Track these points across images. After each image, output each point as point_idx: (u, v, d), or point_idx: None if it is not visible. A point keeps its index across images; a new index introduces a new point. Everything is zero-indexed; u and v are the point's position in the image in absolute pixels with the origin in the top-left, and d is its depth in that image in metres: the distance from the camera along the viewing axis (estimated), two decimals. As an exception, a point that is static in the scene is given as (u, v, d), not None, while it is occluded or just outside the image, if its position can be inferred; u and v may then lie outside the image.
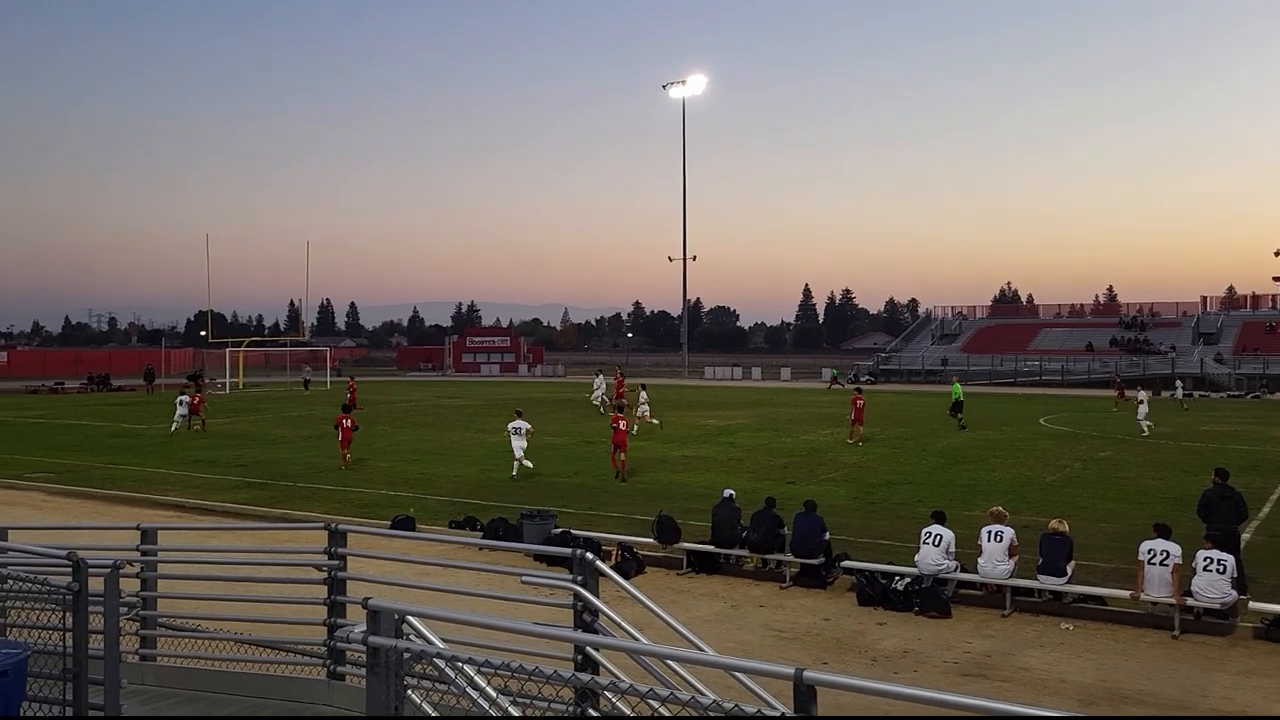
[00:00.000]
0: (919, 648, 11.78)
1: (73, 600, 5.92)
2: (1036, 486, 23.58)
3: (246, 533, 14.52)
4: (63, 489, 23.27)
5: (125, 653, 7.52)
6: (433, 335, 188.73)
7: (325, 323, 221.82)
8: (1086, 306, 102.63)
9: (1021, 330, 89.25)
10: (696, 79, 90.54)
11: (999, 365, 75.66)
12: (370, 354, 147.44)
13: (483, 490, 22.75)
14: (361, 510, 19.95)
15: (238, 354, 67.54)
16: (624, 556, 15.44)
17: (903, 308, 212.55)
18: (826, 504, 18.44)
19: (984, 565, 13.56)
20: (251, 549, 9.83)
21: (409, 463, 27.65)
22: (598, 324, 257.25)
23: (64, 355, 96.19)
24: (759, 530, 15.08)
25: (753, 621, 12.91)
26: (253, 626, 8.56)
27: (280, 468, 26.56)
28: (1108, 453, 30.51)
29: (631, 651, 5.24)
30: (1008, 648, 11.82)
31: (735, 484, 19.17)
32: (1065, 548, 13.32)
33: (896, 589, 13.59)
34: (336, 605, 7.74)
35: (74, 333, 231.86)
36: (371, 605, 4.95)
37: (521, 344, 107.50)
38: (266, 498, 21.73)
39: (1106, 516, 19.63)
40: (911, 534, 15.37)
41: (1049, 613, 13.10)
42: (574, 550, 6.56)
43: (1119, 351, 77.97)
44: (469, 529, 17.97)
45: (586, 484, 23.86)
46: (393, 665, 4.84)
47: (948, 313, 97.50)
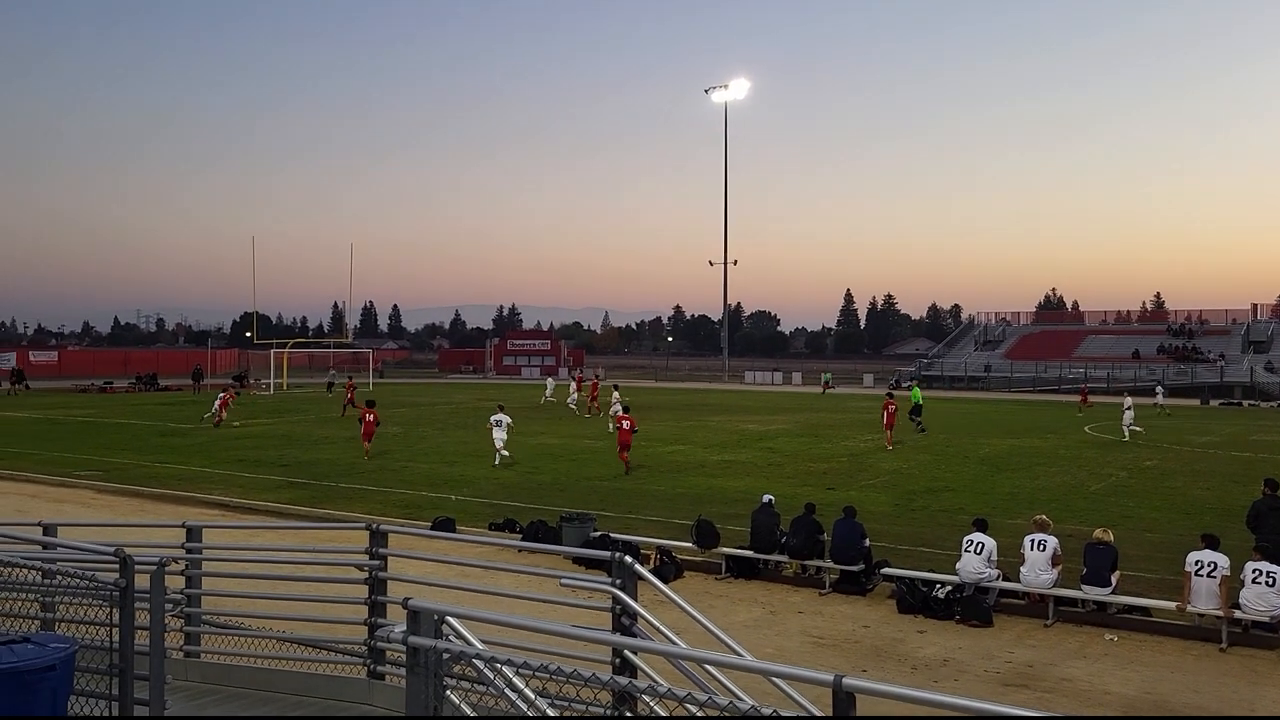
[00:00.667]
0: (960, 656, 11.65)
1: (119, 596, 6.01)
2: (1081, 495, 23.25)
3: (289, 532, 14.71)
4: (111, 487, 23.68)
5: (170, 649, 7.63)
6: (474, 338, 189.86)
7: (368, 325, 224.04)
8: (1133, 313, 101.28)
9: (1066, 337, 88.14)
10: (739, 83, 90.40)
11: (1043, 372, 74.73)
12: (412, 356, 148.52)
13: (522, 492, 22.83)
14: (402, 511, 20.10)
15: (282, 355, 68.35)
16: (662, 560, 15.44)
17: (945, 313, 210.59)
18: (867, 510, 18.31)
19: (1027, 574, 13.39)
20: (294, 548, 9.93)
21: (449, 464, 27.83)
22: (638, 328, 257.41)
23: (113, 355, 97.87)
24: (799, 536, 15.00)
25: (791, 628, 12.85)
26: (294, 625, 8.65)
27: (323, 468, 26.84)
28: (1154, 461, 30.02)
29: (669, 655, 5.24)
30: (1050, 658, 11.66)
31: (775, 489, 19.09)
32: (1110, 557, 13.13)
33: (937, 597, 13.46)
34: (377, 605, 7.81)
35: (123, 333, 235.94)
36: (411, 605, 4.99)
37: (562, 347, 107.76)
38: (309, 498, 21.96)
39: (1153, 526, 19.32)
40: (953, 541, 15.21)
41: (1093, 623, 12.91)
42: (613, 553, 6.56)
43: (1166, 359, 76.70)
44: (508, 531, 18.05)
45: (625, 487, 23.88)
46: (432, 665, 4.87)
47: (991, 319, 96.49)
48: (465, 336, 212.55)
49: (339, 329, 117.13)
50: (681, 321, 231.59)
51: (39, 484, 24.39)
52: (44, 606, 7.35)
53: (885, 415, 32.84)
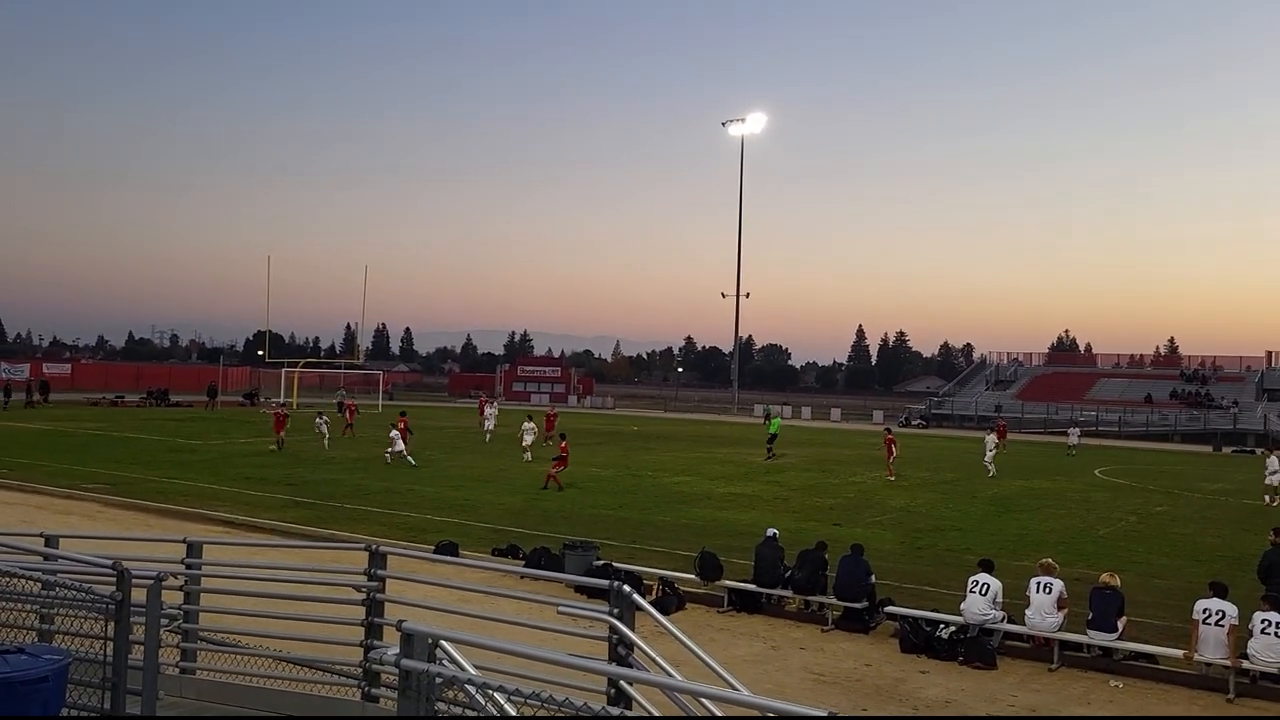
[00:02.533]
0: (962, 699, 11.52)
1: (115, 610, 6.00)
2: (1089, 539, 23.06)
3: (290, 550, 14.67)
4: (118, 500, 23.71)
5: (165, 665, 7.60)
6: (485, 363, 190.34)
7: (380, 347, 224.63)
8: (1146, 357, 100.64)
9: (1079, 379, 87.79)
10: (756, 117, 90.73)
11: (1054, 414, 74.33)
12: (423, 379, 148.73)
13: (528, 519, 22.76)
14: (407, 534, 20.06)
15: (293, 374, 68.52)
16: (665, 591, 15.34)
17: (957, 352, 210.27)
18: (873, 548, 18.17)
19: (1032, 617, 13.25)
20: (294, 566, 9.90)
21: (455, 488, 27.78)
22: (649, 357, 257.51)
23: (126, 369, 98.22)
24: (803, 570, 14.90)
25: (792, 664, 12.73)
26: (291, 644, 8.61)
27: (329, 488, 26.82)
28: (1164, 507, 29.78)
29: (664, 687, 5.19)
30: (1054, 703, 11.52)
31: (780, 524, 19.00)
32: (1117, 603, 12.99)
33: (941, 637, 13.33)
34: (373, 627, 7.77)
35: (136, 348, 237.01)
36: (405, 628, 4.96)
37: (572, 375, 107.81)
38: (314, 517, 21.94)
39: (1161, 573, 19.13)
40: (958, 582, 15.07)
41: (1098, 669, 12.76)
42: (611, 582, 6.52)
43: (1179, 405, 76.32)
44: (511, 557, 17.98)
45: (630, 517, 23.79)
46: (424, 689, 4.84)
47: (1003, 359, 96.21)
48: (476, 361, 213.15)
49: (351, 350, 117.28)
50: (692, 352, 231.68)
51: (46, 495, 24.42)
52: (42, 618, 7.33)
53: (887, 449, 34.52)
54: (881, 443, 36.05)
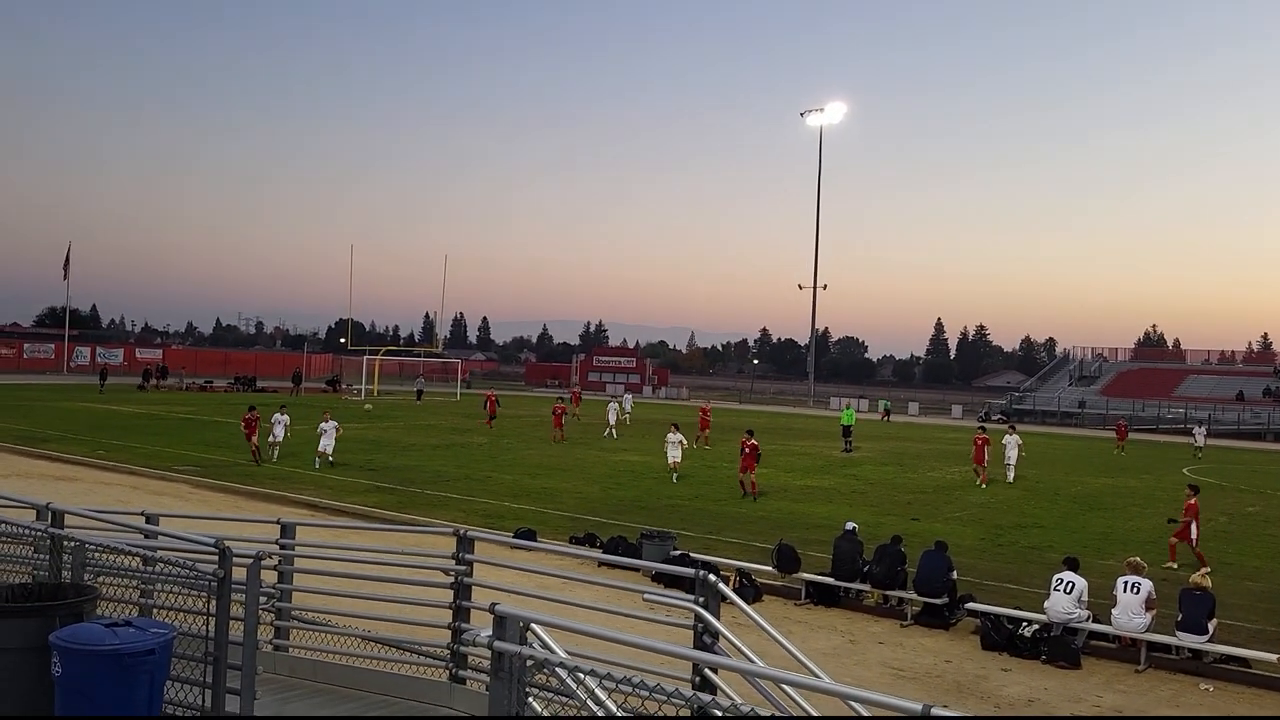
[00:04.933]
0: (1045, 698, 11.34)
1: (217, 586, 6.21)
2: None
3: (376, 534, 15.00)
4: (207, 483, 24.46)
5: (260, 641, 7.84)
6: (560, 353, 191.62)
7: (458, 336, 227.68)
8: (1238, 354, 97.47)
9: (1166, 375, 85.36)
10: (835, 107, 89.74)
11: (1141, 411, 72.40)
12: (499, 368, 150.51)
13: (604, 508, 22.93)
14: (485, 521, 20.34)
15: (374, 362, 69.84)
16: (742, 583, 15.34)
17: (1039, 346, 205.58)
18: (953, 543, 17.91)
19: (1118, 617, 12.97)
20: (383, 549, 10.13)
21: (533, 477, 28.08)
22: (724, 349, 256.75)
23: (214, 355, 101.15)
24: (882, 565, 14.78)
25: (871, 658, 12.65)
26: (379, 625, 8.83)
27: (409, 474, 27.32)
28: (1257, 507, 28.85)
29: (749, 674, 5.22)
30: (1141, 705, 11.27)
31: (857, 517, 18.84)
32: (1207, 604, 12.65)
33: (1023, 635, 13.12)
34: (461, 610, 7.92)
35: (224, 334, 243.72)
36: (498, 611, 5.06)
37: (647, 365, 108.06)
38: (395, 502, 22.38)
39: (1254, 575, 18.56)
40: (1041, 579, 14.83)
41: (1187, 671, 12.44)
42: (697, 571, 6.57)
43: (1272, 402, 73.76)
44: (589, 545, 18.13)
45: (707, 507, 23.81)
46: (516, 671, 4.93)
47: (1087, 354, 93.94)
48: (552, 351, 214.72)
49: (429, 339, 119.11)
50: (768, 344, 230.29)
51: (140, 476, 25.31)
52: (143, 593, 7.61)
53: (976, 449, 31.62)
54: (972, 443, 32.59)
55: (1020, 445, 32.28)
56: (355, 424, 43.17)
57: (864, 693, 4.29)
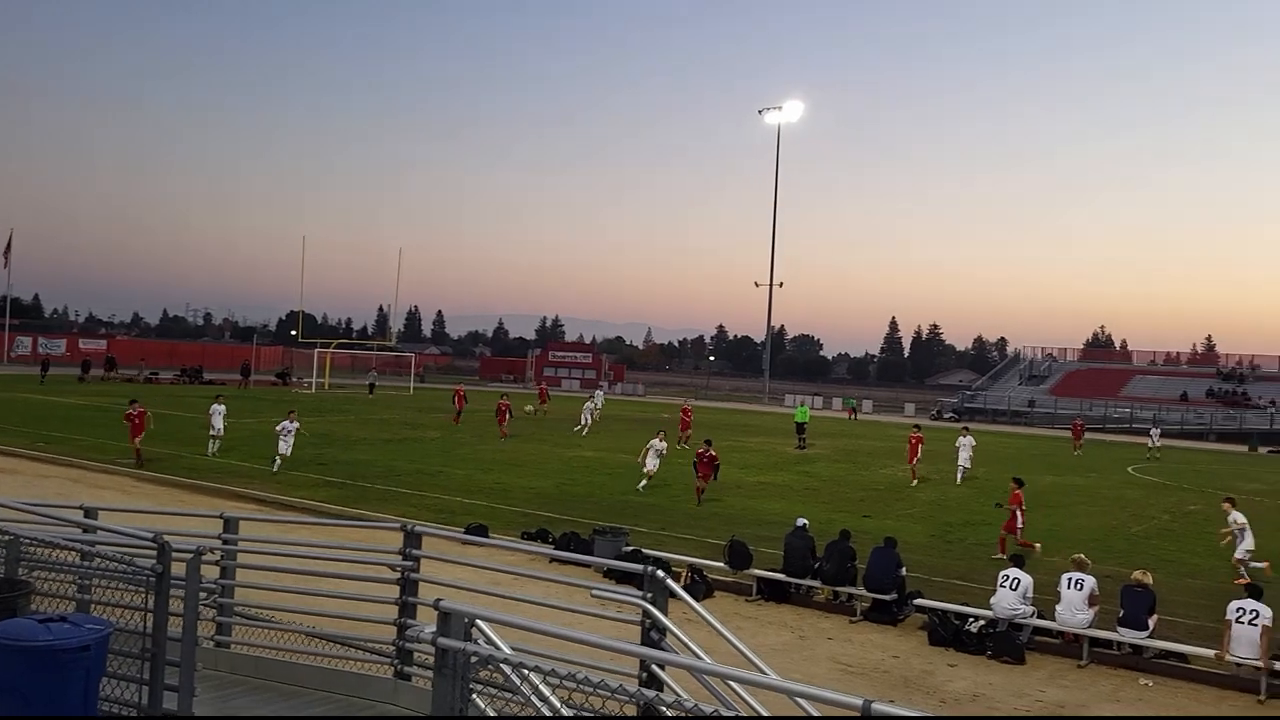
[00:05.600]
0: (990, 693, 11.48)
1: (156, 582, 6.08)
2: (1121, 536, 22.85)
3: (324, 529, 14.82)
4: (150, 476, 24.03)
5: (201, 638, 7.70)
6: (516, 347, 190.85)
7: (412, 329, 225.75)
8: (1183, 355, 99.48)
9: (1113, 376, 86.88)
10: (793, 105, 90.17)
11: (1088, 410, 73.55)
12: (454, 362, 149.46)
13: (557, 504, 22.85)
14: (437, 516, 20.18)
15: (325, 355, 69.07)
16: (693, 579, 15.36)
17: (991, 346, 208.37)
18: (902, 540, 18.08)
19: (1062, 613, 13.18)
20: (328, 544, 10.00)
21: (486, 472, 27.92)
22: (680, 345, 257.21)
23: (160, 346, 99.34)
24: (832, 561, 14.88)
25: (820, 653, 12.73)
26: (324, 621, 8.71)
27: (360, 469, 27.04)
28: (1198, 506, 29.43)
29: (697, 671, 5.21)
30: (1083, 699, 11.45)
31: (810, 514, 18.94)
32: (1148, 601, 12.89)
33: (969, 631, 13.29)
34: (407, 606, 7.84)
35: (170, 325, 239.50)
36: (442, 607, 5.00)
37: (603, 361, 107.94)
38: (345, 497, 22.14)
39: (1194, 572, 18.95)
40: (988, 576, 15.02)
41: (1128, 666, 12.67)
42: (645, 567, 6.55)
43: (1215, 403, 75.38)
44: (541, 541, 18.06)
45: (660, 503, 23.82)
46: (460, 668, 4.88)
47: (1037, 354, 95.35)
48: (508, 345, 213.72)
49: (383, 332, 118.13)
50: (724, 341, 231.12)
51: (81, 469, 24.81)
52: (80, 588, 7.44)
53: (909, 448, 31.78)
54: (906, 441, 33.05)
55: (973, 446, 32.44)
56: (305, 417, 42.70)
57: (809, 689, 4.30)
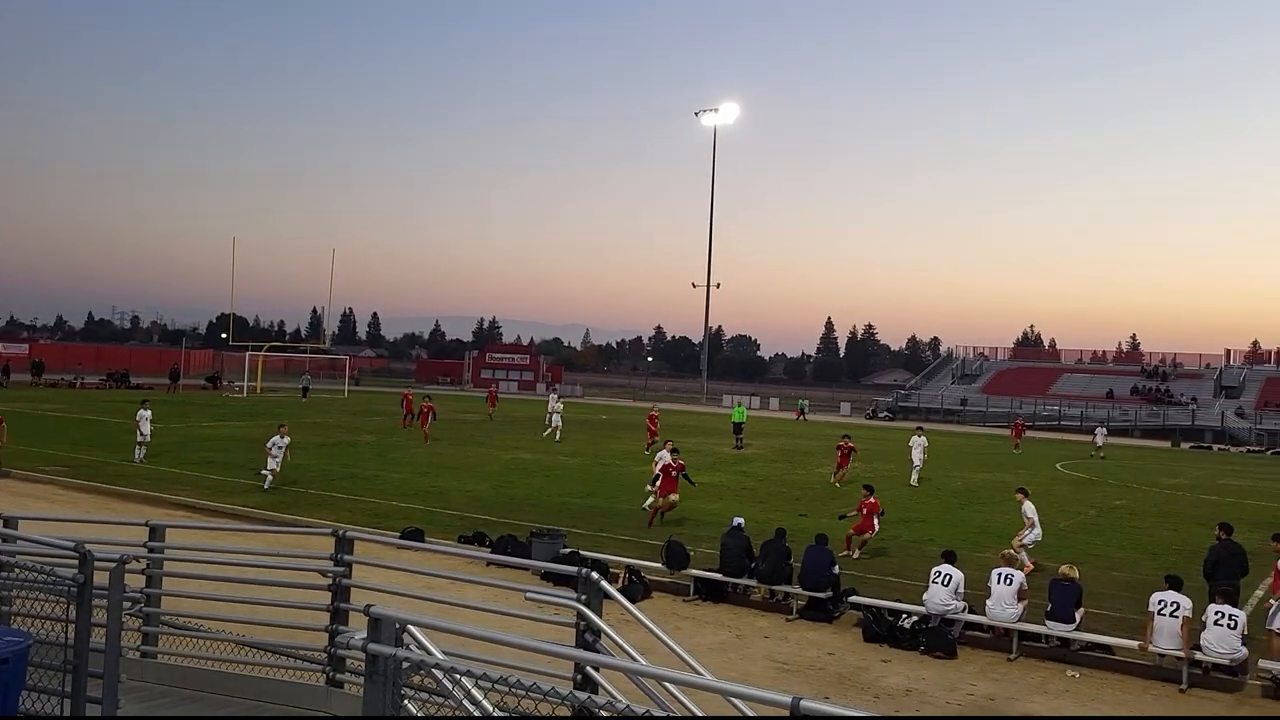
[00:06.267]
0: (922, 687, 11.66)
1: (77, 592, 5.94)
2: (1050, 531, 23.24)
3: (254, 535, 14.56)
4: (76, 483, 23.42)
5: (127, 648, 7.54)
6: (453, 349, 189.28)
7: (347, 331, 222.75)
8: (1109, 353, 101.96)
9: (1042, 374, 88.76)
10: (729, 107, 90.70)
11: (1018, 408, 75.14)
12: (389, 365, 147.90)
13: (495, 507, 22.72)
14: (372, 520, 19.96)
15: (257, 358, 67.91)
16: (631, 580, 15.39)
17: (924, 346, 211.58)
18: (838, 538, 18.34)
19: (992, 608, 13.44)
20: (258, 551, 9.83)
21: (422, 475, 27.67)
22: (618, 346, 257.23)
23: (85, 350, 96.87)
24: (768, 561, 15.00)
25: (756, 652, 12.82)
26: (255, 629, 8.56)
27: (293, 474, 26.60)
28: (1123, 501, 30.22)
29: (630, 672, 5.22)
30: (1012, 692, 11.69)
31: (747, 513, 19.06)
32: (1075, 594, 13.20)
33: (903, 627, 13.48)
34: (339, 612, 7.74)
35: (96, 329, 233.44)
36: (372, 613, 4.95)
37: (541, 363, 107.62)
38: (277, 502, 21.78)
39: (1119, 565, 19.44)
40: (921, 573, 15.25)
41: (1056, 659, 12.96)
42: (580, 569, 6.54)
43: (1140, 400, 77.40)
44: (478, 544, 17.96)
45: (598, 505, 23.82)
46: (391, 674, 4.83)
47: (969, 353, 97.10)
48: (444, 347, 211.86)
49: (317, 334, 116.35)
50: (662, 342, 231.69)
51: (2, 478, 24.07)
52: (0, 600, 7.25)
53: (840, 456, 31.14)
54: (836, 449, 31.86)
55: (925, 447, 32.55)
56: (237, 422, 41.92)
57: (741, 688, 4.33)
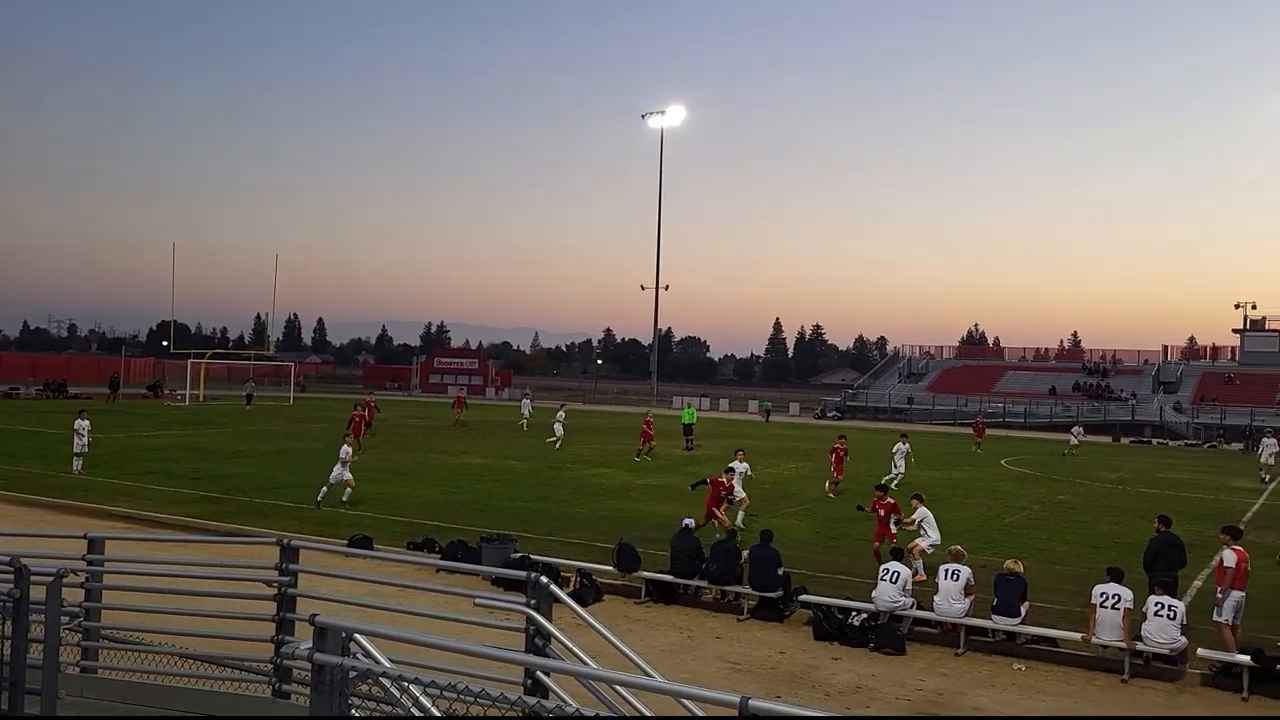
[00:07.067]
0: (872, 684, 11.78)
1: (13, 608, 5.81)
2: (996, 527, 23.72)
3: (196, 546, 14.32)
4: (13, 496, 22.84)
5: (65, 664, 7.36)
6: (401, 354, 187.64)
7: (291, 338, 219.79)
8: (1051, 351, 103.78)
9: (987, 372, 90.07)
10: (676, 109, 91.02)
11: (964, 406, 76.24)
12: (336, 371, 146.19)
13: (445, 512, 22.57)
14: (320, 529, 19.73)
15: (199, 366, 66.79)
16: (582, 583, 15.35)
17: (871, 345, 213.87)
18: (788, 538, 18.51)
19: (940, 603, 13.62)
20: (201, 562, 9.66)
21: (370, 482, 27.36)
22: (568, 349, 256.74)
23: (20, 359, 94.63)
24: (718, 561, 15.06)
25: (708, 653, 12.87)
26: (198, 642, 8.42)
27: (237, 482, 26.24)
28: (1066, 496, 30.78)
29: (580, 676, 5.20)
30: (960, 686, 11.84)
31: (698, 515, 19.16)
32: (1020, 588, 13.42)
33: (853, 624, 13.61)
34: (285, 622, 7.63)
35: (32, 338, 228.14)
36: (318, 622, 4.88)
37: (490, 367, 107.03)
38: (221, 512, 21.43)
39: (1062, 559, 19.79)
40: (871, 570, 15.40)
41: (1002, 653, 13.16)
42: (529, 574, 6.51)
43: (1081, 396, 78.87)
44: (427, 550, 17.82)
45: (549, 509, 23.75)
46: (337, 684, 4.77)
47: (915, 352, 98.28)
48: (392, 352, 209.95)
49: (260, 341, 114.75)
50: (611, 344, 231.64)
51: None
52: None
53: (834, 458, 29.77)
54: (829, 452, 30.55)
55: (908, 453, 32.68)
56: (179, 430, 41.21)
57: (690, 689, 4.34)
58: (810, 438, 49.34)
